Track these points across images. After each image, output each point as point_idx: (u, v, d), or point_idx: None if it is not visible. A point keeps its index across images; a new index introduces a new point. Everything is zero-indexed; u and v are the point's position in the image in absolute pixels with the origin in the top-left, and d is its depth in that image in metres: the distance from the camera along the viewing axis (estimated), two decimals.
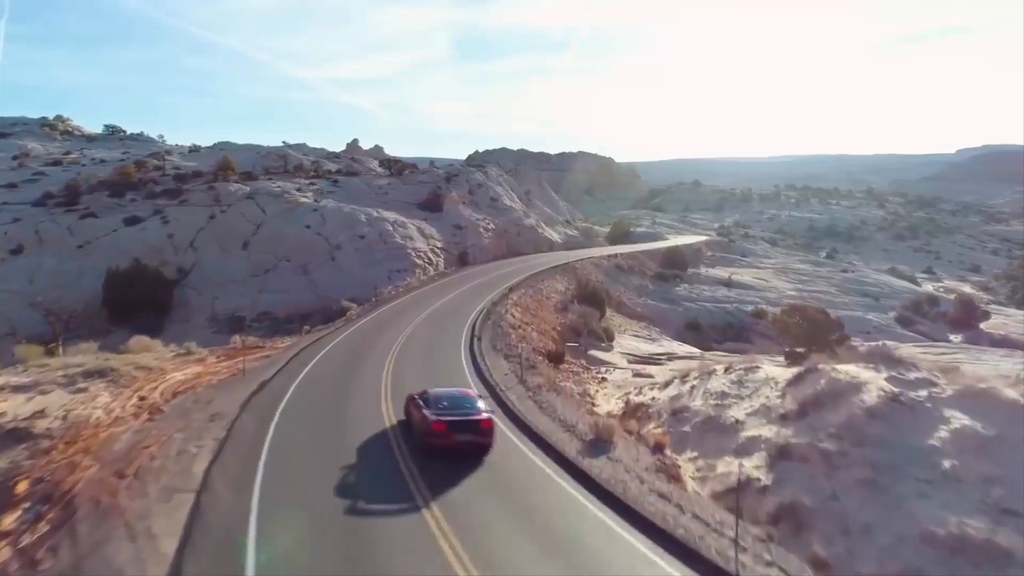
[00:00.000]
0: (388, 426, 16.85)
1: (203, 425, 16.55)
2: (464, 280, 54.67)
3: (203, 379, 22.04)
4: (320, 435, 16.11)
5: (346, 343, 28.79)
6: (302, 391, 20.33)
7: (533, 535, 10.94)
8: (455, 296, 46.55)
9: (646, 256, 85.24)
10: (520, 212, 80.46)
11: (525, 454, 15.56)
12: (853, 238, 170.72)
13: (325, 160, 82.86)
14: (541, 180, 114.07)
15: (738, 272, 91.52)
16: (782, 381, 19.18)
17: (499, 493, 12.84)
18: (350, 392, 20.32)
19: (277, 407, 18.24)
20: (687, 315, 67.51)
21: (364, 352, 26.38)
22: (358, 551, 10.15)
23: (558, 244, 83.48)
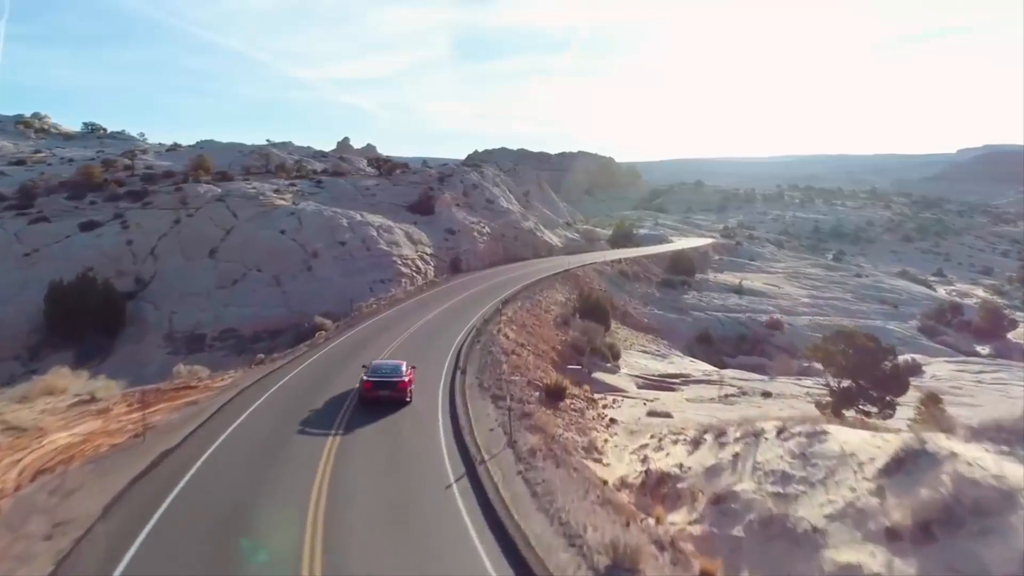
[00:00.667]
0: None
1: (30, 546, 11.12)
2: (455, 291, 49.23)
3: (91, 444, 16.55)
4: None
5: (296, 384, 23.07)
6: (204, 477, 14.51)
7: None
8: (442, 311, 41.10)
9: (651, 261, 79.81)
10: (518, 214, 75.00)
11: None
12: (860, 239, 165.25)
13: (312, 159, 77.41)
14: (540, 180, 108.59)
15: (748, 277, 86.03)
16: (870, 463, 13.77)
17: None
18: (268, 487, 13.82)
19: (157, 508, 12.71)
20: (697, 326, 62.05)
21: (312, 400, 20.76)
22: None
23: (558, 248, 78.02)
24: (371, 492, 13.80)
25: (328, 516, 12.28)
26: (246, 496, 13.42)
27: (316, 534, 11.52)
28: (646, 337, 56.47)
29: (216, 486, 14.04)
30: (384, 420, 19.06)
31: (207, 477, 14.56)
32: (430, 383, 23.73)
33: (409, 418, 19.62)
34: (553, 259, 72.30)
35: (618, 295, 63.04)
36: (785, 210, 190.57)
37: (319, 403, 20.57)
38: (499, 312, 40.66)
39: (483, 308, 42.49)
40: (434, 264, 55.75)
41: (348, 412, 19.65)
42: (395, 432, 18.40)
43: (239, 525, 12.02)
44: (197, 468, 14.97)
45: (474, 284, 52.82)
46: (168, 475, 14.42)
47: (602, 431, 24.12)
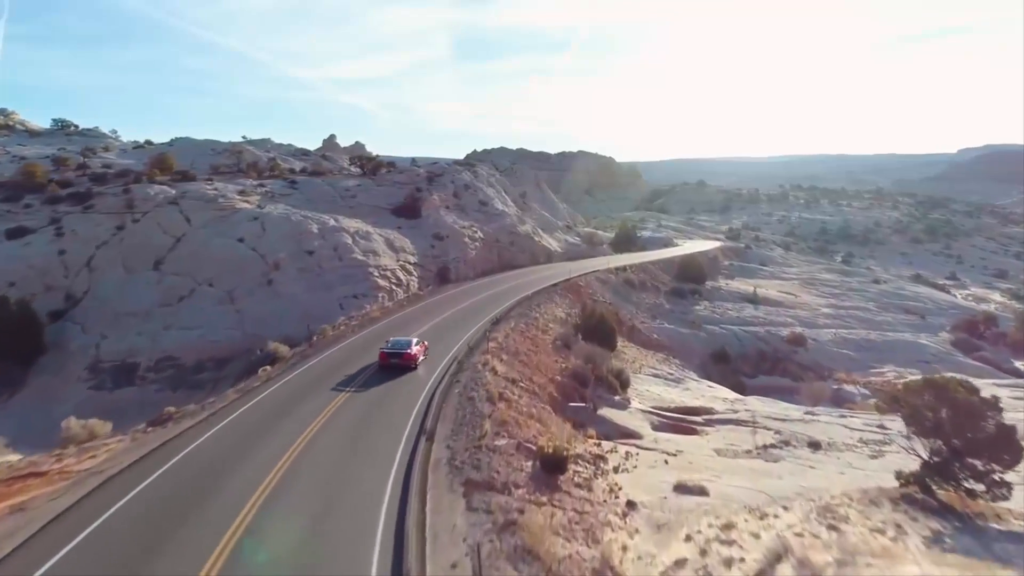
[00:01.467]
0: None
1: None
2: (439, 307, 42.41)
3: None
4: None
5: (191, 464, 16.03)
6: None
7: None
8: (421, 334, 34.39)
9: (658, 267, 72.92)
10: (514, 217, 68.09)
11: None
12: (868, 241, 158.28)
13: (291, 158, 70.55)
14: (539, 180, 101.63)
15: (761, 285, 79.12)
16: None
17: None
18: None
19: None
20: (712, 342, 55.16)
21: (199, 509, 13.63)
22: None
23: (558, 254, 71.18)
24: None
25: None
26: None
27: None
28: (656, 356, 49.61)
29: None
30: (308, 524, 11.72)
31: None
32: (379, 463, 16.75)
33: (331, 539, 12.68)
34: (552, 266, 65.50)
35: (624, 307, 56.16)
36: (790, 211, 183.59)
37: (231, 473, 14.05)
38: (487, 337, 33.84)
39: (469, 330, 35.65)
40: (418, 274, 48.87)
41: (258, 503, 12.91)
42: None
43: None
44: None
45: (463, 298, 46.01)
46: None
47: (618, 526, 17.36)
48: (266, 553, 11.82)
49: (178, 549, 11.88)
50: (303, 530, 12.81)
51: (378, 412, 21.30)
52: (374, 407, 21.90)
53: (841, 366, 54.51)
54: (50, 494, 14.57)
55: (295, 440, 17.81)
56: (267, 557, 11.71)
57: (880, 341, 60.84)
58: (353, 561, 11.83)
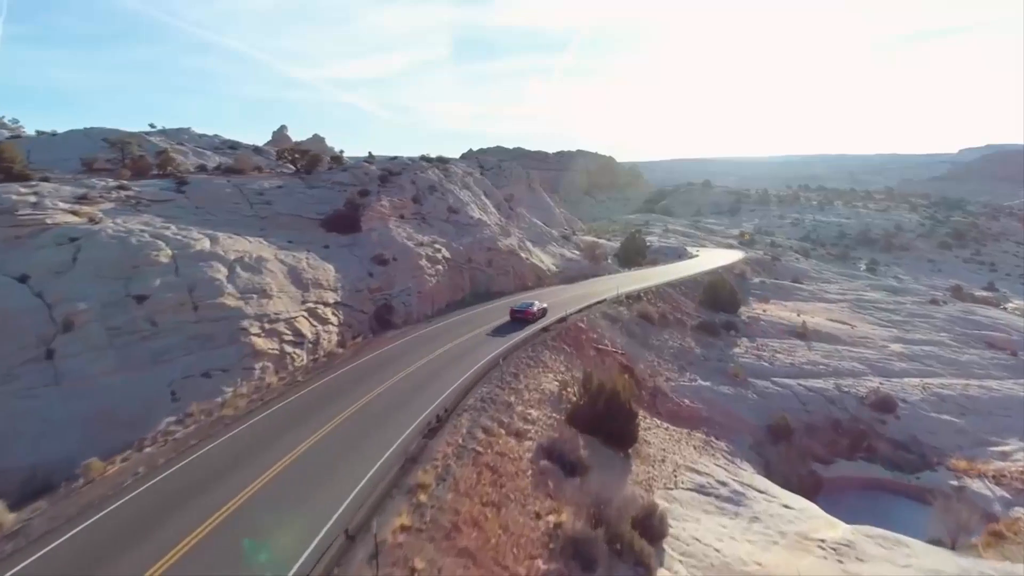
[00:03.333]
0: None
1: None
2: (353, 387, 25.10)
3: None
4: None
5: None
6: None
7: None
8: (286, 470, 17.42)
9: (678, 290, 55.66)
10: (495, 229, 50.86)
11: None
12: (892, 247, 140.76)
13: (211, 151, 53.54)
14: (532, 180, 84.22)
15: (804, 309, 61.95)
16: None
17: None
18: None
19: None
20: (765, 407, 37.97)
21: None
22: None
23: (551, 273, 54.02)
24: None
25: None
26: None
27: None
28: (694, 440, 32.46)
29: None
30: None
31: None
32: None
33: None
34: (544, 293, 48.45)
35: (642, 357, 39.02)
36: (803, 213, 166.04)
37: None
38: (415, 465, 16.95)
39: (378, 457, 18.78)
40: (342, 320, 31.76)
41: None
42: None
43: None
44: None
45: (400, 361, 28.89)
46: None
47: None
48: None
49: None
50: None
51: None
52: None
53: (948, 441, 37.34)
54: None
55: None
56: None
57: (984, 396, 43.62)
58: None
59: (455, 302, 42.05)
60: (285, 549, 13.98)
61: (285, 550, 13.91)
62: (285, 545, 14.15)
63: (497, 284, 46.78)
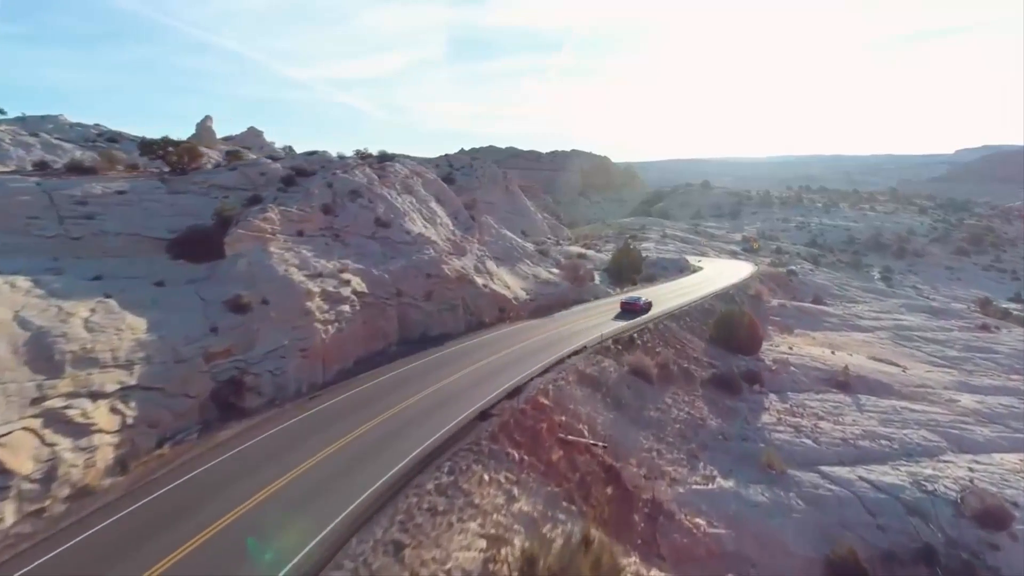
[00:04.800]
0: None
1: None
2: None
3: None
4: None
5: None
6: None
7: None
8: None
9: (682, 323, 42.33)
10: (444, 246, 37.48)
11: None
12: (905, 252, 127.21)
13: (73, 144, 40.37)
14: (510, 181, 70.69)
15: (837, 342, 48.60)
16: None
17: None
18: None
19: None
20: (816, 524, 24.52)
21: None
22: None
23: (519, 302, 40.68)
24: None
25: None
26: None
27: None
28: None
29: None
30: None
31: None
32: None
33: None
34: (503, 333, 35.09)
35: (634, 443, 25.72)
36: (808, 215, 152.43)
37: None
38: None
39: None
40: (137, 417, 18.60)
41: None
42: None
43: None
44: None
45: (213, 502, 15.94)
46: None
47: None
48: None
49: None
50: None
51: None
52: None
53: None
54: None
55: None
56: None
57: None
58: None
59: (372, 356, 28.68)
60: None
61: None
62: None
63: (439, 324, 33.41)
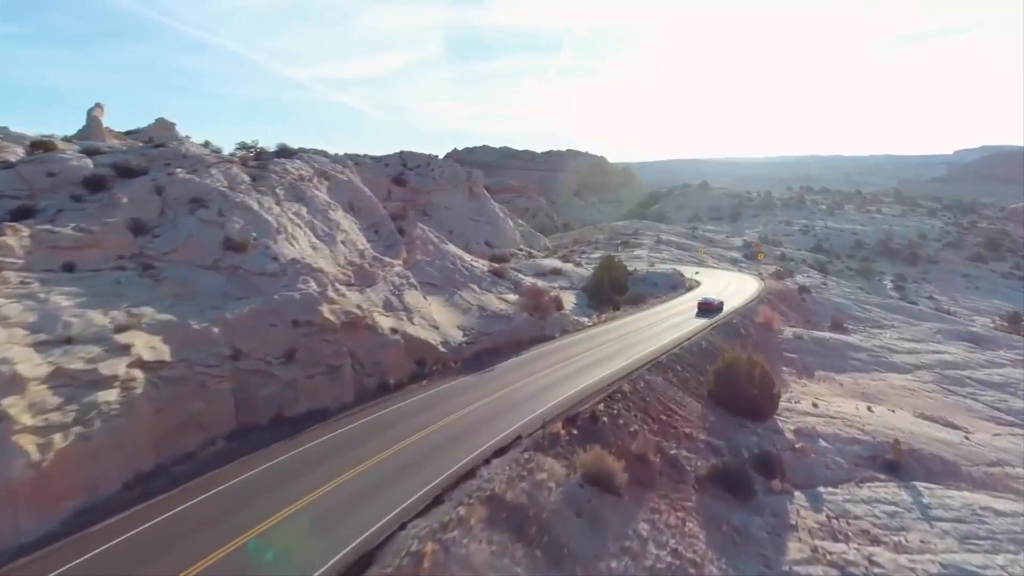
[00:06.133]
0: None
1: None
2: None
3: None
4: None
5: None
6: None
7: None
8: None
9: (671, 374, 30.62)
10: (335, 275, 25.80)
11: None
12: (918, 259, 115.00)
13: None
14: (474, 182, 58.57)
15: (870, 389, 36.69)
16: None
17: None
18: None
19: None
20: None
21: None
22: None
23: (453, 349, 28.99)
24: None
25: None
26: None
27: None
28: None
29: None
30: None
31: None
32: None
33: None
34: (412, 404, 23.39)
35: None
36: (812, 218, 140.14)
37: None
38: None
39: None
40: None
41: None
42: None
43: None
44: None
45: None
46: None
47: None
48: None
49: None
50: None
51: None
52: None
53: None
54: None
55: None
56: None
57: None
58: None
59: (170, 463, 17.10)
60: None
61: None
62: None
63: (309, 396, 21.75)
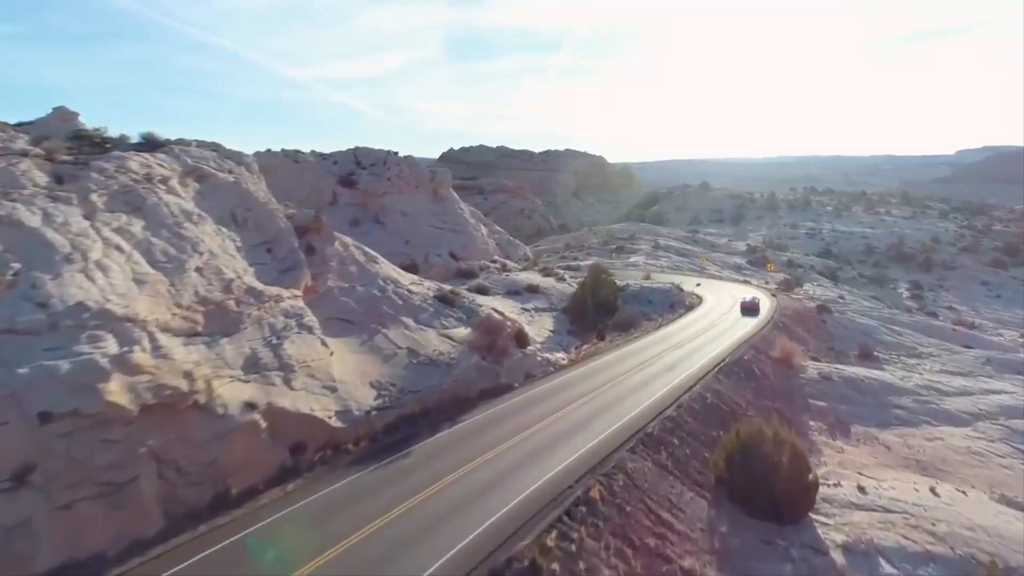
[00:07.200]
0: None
1: None
2: None
3: None
4: None
5: None
6: None
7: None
8: None
9: (661, 458, 21.75)
10: (163, 322, 17.05)
11: None
12: (932, 264, 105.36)
13: None
14: (440, 183, 49.33)
15: (929, 456, 27.56)
16: None
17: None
18: None
19: None
20: None
21: None
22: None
23: (358, 420, 20.21)
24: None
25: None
26: None
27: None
28: None
29: None
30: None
31: None
32: None
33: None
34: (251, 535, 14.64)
35: None
36: (819, 221, 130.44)
37: None
38: None
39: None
40: None
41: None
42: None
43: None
44: None
45: None
46: None
47: None
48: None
49: None
50: None
51: None
52: None
53: None
54: None
55: None
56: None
57: None
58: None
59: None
60: None
61: None
62: None
63: (63, 539, 12.80)
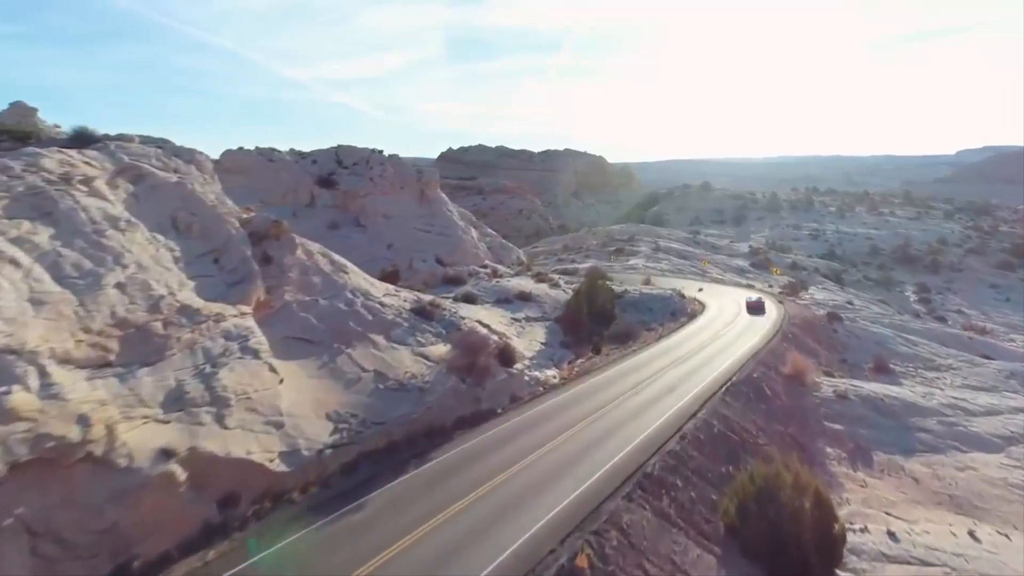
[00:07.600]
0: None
1: None
2: None
3: None
4: None
5: None
6: None
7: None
8: None
9: (663, 505, 18.28)
10: (29, 366, 13.85)
11: None
12: (939, 266, 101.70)
13: None
14: (427, 183, 45.77)
15: (962, 490, 23.95)
16: None
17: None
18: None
19: None
20: None
21: None
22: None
23: (308, 460, 16.53)
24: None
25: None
26: None
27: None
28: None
29: None
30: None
31: None
32: None
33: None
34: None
35: None
36: (822, 222, 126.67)
37: None
38: None
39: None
40: None
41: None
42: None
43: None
44: None
45: None
46: None
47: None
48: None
49: None
50: None
51: None
52: None
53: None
54: None
55: None
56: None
57: None
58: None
59: None
60: None
61: None
62: None
63: None
